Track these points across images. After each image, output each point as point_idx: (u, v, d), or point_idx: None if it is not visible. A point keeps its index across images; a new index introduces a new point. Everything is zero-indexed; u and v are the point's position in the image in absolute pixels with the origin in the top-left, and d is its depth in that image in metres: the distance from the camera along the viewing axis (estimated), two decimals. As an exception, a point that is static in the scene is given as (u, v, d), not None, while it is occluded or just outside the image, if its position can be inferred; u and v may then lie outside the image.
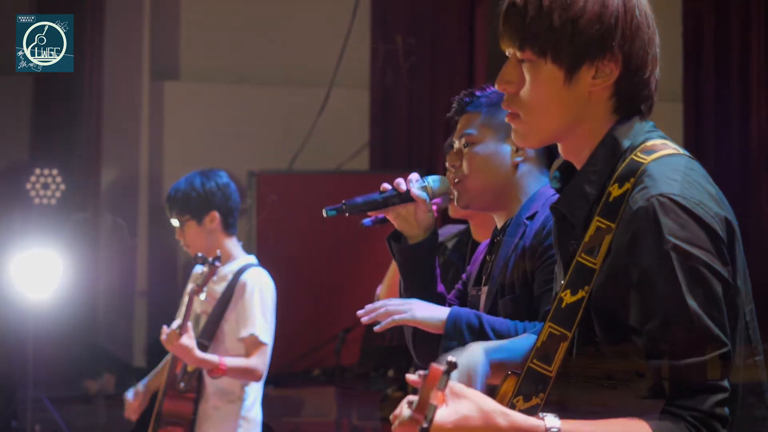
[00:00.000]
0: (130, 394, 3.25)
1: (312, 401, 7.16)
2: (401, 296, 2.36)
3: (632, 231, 1.47)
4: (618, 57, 1.57)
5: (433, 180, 2.40)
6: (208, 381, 3.09)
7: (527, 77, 1.58)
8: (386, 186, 2.33)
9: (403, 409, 1.36)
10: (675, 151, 1.57)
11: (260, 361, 3.08)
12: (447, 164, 2.48)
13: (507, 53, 1.62)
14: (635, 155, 1.55)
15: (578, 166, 1.62)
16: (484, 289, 2.41)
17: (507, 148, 2.39)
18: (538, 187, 2.39)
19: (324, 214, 2.35)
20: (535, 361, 1.56)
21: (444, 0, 10.04)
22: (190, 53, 9.19)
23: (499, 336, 2.13)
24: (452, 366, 1.27)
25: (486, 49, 10.06)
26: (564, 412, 1.46)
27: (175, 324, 2.95)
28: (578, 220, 1.58)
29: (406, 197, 2.33)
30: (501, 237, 2.38)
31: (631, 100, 1.60)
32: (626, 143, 1.57)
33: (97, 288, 6.98)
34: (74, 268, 6.92)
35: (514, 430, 1.38)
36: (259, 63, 9.25)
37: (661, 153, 1.55)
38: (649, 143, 1.57)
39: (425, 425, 1.27)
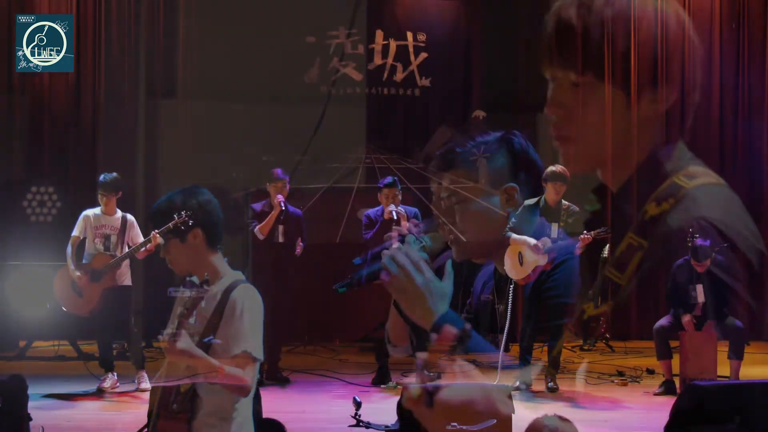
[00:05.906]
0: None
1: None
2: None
3: (668, 249, 1.47)
4: (677, 80, 1.55)
5: (429, 239, 2.42)
6: (202, 401, 3.08)
7: (585, 100, 1.56)
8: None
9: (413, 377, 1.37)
10: (717, 181, 1.57)
11: (251, 376, 3.07)
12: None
13: (551, 76, 1.59)
14: (677, 178, 1.54)
15: (615, 188, 1.61)
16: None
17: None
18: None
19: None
20: (551, 369, 1.56)
21: (440, 23, 10.09)
22: (186, 72, 9.20)
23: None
24: (466, 333, 1.28)
25: (481, 76, 10.10)
26: None
27: (167, 334, 2.92)
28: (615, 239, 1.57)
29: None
30: (510, 284, 2.39)
31: (681, 124, 1.59)
32: (669, 166, 1.56)
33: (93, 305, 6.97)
34: (72, 283, 6.91)
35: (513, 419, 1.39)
36: (255, 81, 9.28)
37: (704, 180, 1.54)
38: (692, 169, 1.56)
39: (427, 386, 1.30)
